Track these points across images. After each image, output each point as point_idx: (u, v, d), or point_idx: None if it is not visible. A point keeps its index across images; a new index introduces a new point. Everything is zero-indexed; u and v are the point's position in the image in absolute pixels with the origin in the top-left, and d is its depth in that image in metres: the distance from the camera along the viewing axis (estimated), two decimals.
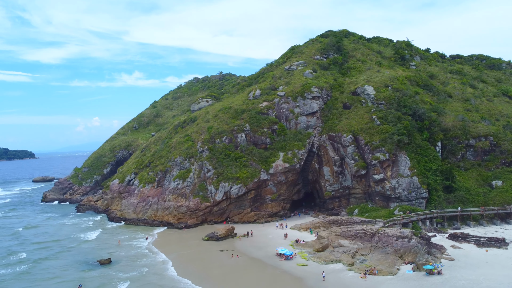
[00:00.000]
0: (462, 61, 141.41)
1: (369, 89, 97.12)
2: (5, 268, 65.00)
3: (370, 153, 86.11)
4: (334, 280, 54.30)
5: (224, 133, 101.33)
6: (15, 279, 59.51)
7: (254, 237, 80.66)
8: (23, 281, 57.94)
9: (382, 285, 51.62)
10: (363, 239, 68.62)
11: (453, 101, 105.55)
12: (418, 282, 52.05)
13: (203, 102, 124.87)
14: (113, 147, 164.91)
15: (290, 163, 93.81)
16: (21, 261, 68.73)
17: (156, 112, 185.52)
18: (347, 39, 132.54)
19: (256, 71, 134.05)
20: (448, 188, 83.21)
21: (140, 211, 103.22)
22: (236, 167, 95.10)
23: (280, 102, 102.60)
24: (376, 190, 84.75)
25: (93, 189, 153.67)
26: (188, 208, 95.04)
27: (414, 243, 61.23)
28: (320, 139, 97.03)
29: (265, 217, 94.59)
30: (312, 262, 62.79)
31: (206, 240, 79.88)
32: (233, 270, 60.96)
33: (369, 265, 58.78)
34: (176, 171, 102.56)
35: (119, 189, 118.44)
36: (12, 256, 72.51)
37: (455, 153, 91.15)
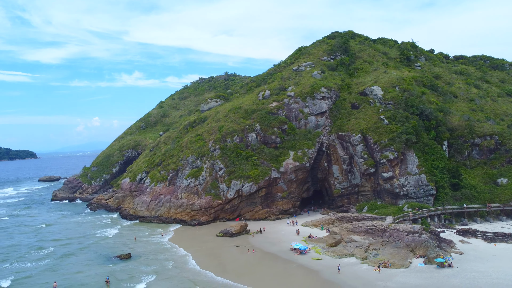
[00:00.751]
0: (466, 62, 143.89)
1: (377, 90, 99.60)
2: (37, 262, 67.74)
3: (379, 151, 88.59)
4: (349, 273, 56.75)
5: (235, 132, 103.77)
6: (46, 271, 62.02)
7: (267, 233, 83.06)
8: (53, 274, 60.21)
9: (396, 277, 54.05)
10: (374, 234, 71.07)
11: (458, 101, 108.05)
12: (430, 274, 54.52)
13: (213, 102, 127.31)
14: (122, 147, 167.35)
15: (300, 161, 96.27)
16: (49, 255, 71.41)
17: (163, 112, 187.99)
18: (353, 40, 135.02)
19: (263, 71, 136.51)
20: (454, 186, 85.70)
21: (153, 209, 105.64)
22: (248, 166, 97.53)
23: (289, 102, 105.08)
24: (385, 188, 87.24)
25: (102, 188, 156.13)
26: (200, 206, 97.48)
27: (424, 238, 63.70)
28: (329, 138, 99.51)
29: (275, 215, 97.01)
30: (326, 256, 65.20)
31: (220, 236, 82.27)
32: (250, 263, 63.44)
33: (382, 258, 61.22)
34: (188, 169, 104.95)
35: (131, 188, 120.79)
36: (41, 250, 75.39)
37: (461, 151, 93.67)
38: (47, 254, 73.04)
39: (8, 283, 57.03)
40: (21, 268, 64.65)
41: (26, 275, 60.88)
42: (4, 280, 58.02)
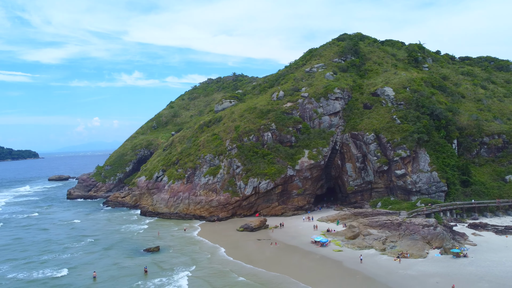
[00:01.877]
0: (472, 63, 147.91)
1: (388, 90, 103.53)
2: (73, 254, 72.05)
3: (392, 150, 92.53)
4: (371, 263, 60.63)
5: (251, 132, 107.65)
6: (86, 264, 65.91)
7: (285, 228, 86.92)
8: (91, 266, 64.00)
9: (416, 266, 57.95)
10: (390, 228, 75.01)
11: (466, 101, 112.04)
12: (447, 263, 58.42)
13: (227, 103, 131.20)
14: (134, 146, 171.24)
15: (315, 159, 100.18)
16: (83, 249, 75.41)
17: (173, 112, 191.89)
18: (362, 42, 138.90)
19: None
20: (464, 182, 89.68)
21: (172, 206, 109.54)
22: (264, 164, 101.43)
23: (303, 102, 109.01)
24: (398, 184, 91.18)
25: (116, 186, 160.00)
26: (219, 202, 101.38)
27: (440, 231, 67.60)
28: (343, 137, 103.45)
29: (291, 211, 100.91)
30: (346, 248, 69.09)
31: (241, 231, 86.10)
32: (275, 254, 67.38)
33: (400, 250, 65.08)
34: (206, 167, 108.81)
35: (148, 186, 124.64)
36: (78, 243, 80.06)
37: (470, 150, 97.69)
38: (82, 247, 76.86)
39: (65, 271, 61.52)
40: (63, 260, 68.54)
41: (73, 265, 65.00)
42: (60, 270, 62.41)
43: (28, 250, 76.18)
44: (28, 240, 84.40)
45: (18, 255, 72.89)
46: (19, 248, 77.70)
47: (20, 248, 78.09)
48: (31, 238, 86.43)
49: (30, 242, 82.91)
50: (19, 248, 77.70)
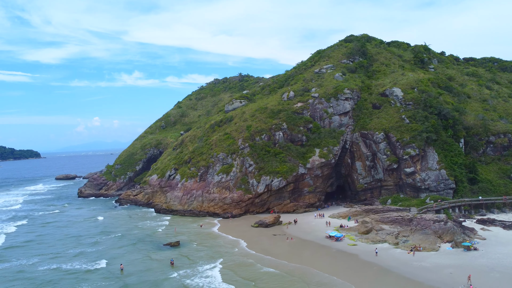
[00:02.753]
0: (476, 64, 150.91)
1: (397, 91, 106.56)
2: (96, 247, 75.45)
3: (401, 148, 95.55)
4: (386, 256, 63.63)
5: (263, 131, 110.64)
6: (114, 258, 68.88)
7: (299, 224, 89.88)
8: (120, 260, 66.78)
9: (429, 258, 60.94)
10: (402, 223, 77.93)
11: (472, 102, 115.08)
12: (459, 256, 61.45)
13: (237, 103, 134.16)
14: (144, 145, 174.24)
15: (326, 158, 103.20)
16: (107, 243, 78.88)
17: (181, 112, 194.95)
18: (369, 44, 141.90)
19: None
20: (471, 180, 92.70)
21: (185, 203, 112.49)
22: (276, 162, 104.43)
23: (314, 102, 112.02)
24: (407, 182, 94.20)
25: (126, 185, 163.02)
26: (232, 200, 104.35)
27: (450, 225, 70.60)
28: (353, 137, 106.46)
29: (303, 208, 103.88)
30: (360, 243, 72.07)
31: (255, 227, 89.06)
32: (293, 248, 70.39)
33: (413, 244, 68.03)
34: (219, 166, 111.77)
35: (160, 184, 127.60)
36: (107, 236, 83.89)
37: (476, 148, 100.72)
38: (112, 241, 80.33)
39: (104, 263, 65.23)
40: (96, 253, 71.68)
41: (104, 258, 68.09)
42: (99, 261, 66.00)
43: (66, 244, 79.38)
44: (60, 235, 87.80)
45: (53, 249, 75.82)
46: (53, 243, 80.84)
47: (54, 242, 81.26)
48: (61, 233, 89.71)
49: (62, 236, 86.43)
50: (53, 243, 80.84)
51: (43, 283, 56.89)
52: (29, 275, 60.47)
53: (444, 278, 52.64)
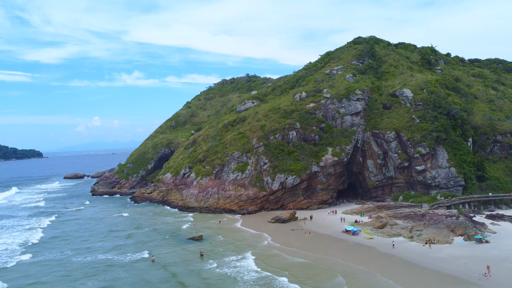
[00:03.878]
0: (481, 65, 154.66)
1: (407, 92, 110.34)
2: (126, 241, 79.19)
3: (412, 147, 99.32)
4: (402, 248, 67.31)
5: (277, 130, 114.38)
6: (155, 249, 72.65)
7: (314, 220, 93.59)
8: (156, 251, 70.66)
9: (444, 250, 64.65)
10: (414, 219, 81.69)
11: (478, 102, 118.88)
12: (472, 248, 65.18)
13: (249, 103, 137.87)
14: (155, 145, 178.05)
15: (338, 156, 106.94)
16: (135, 237, 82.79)
17: (191, 112, 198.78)
18: (377, 46, 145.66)
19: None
20: (480, 178, 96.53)
21: (201, 200, 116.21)
22: (290, 161, 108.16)
23: (326, 103, 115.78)
24: (418, 180, 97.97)
25: (139, 183, 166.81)
26: (248, 197, 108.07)
27: (462, 220, 74.30)
28: (364, 136, 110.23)
29: (316, 204, 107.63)
30: (376, 236, 75.78)
31: (273, 223, 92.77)
32: (312, 241, 74.11)
33: (427, 237, 71.78)
34: (234, 164, 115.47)
35: (175, 182, 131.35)
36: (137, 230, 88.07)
37: (484, 147, 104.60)
38: (144, 234, 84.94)
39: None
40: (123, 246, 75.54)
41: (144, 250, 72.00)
42: (141, 252, 70.09)
43: (104, 237, 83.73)
44: (93, 229, 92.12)
45: (93, 242, 79.81)
46: (89, 236, 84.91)
47: (90, 236, 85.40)
48: (94, 228, 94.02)
49: (96, 230, 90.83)
50: (89, 236, 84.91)
51: (102, 271, 60.67)
52: (84, 264, 64.40)
53: (460, 268, 56.33)
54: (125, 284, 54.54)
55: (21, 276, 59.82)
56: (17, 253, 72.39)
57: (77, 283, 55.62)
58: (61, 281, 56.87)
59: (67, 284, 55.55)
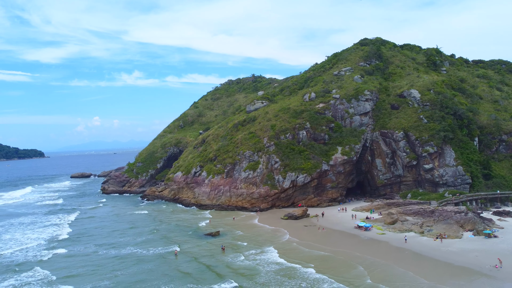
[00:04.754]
0: (485, 66, 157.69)
1: (414, 92, 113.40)
2: (146, 236, 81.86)
3: (420, 146, 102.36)
4: (414, 242, 70.33)
5: (287, 130, 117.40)
6: (183, 243, 75.71)
7: (326, 217, 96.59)
8: (183, 245, 73.95)
9: (454, 244, 67.69)
10: (424, 215, 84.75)
11: (484, 102, 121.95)
12: (481, 242, 68.22)
13: (259, 103, 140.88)
14: (164, 144, 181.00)
15: (348, 155, 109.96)
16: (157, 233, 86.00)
17: (198, 112, 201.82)
18: (383, 47, 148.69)
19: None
20: (486, 176, 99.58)
21: (213, 198, 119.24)
22: (301, 159, 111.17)
23: (335, 103, 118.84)
24: (426, 178, 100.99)
25: (148, 182, 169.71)
26: (260, 195, 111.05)
27: (471, 216, 77.36)
28: (373, 135, 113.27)
29: (326, 202, 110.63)
30: (388, 232, 78.79)
31: (285, 219, 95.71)
32: (327, 237, 77.11)
33: (438, 232, 74.80)
34: (245, 163, 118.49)
35: (186, 180, 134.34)
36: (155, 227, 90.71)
37: (490, 146, 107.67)
38: (163, 230, 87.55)
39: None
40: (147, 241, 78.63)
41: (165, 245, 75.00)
42: (170, 246, 73.38)
43: (130, 232, 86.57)
44: (118, 225, 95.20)
45: (122, 236, 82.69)
46: (117, 231, 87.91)
47: (117, 231, 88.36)
48: (119, 224, 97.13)
49: (121, 226, 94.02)
50: (117, 231, 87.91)
51: (135, 262, 63.94)
52: (118, 257, 67.48)
53: (471, 260, 59.35)
54: (162, 275, 57.35)
55: (60, 268, 63.20)
56: (49, 247, 75.62)
57: (118, 273, 59.22)
58: (100, 272, 60.18)
59: (108, 274, 58.97)
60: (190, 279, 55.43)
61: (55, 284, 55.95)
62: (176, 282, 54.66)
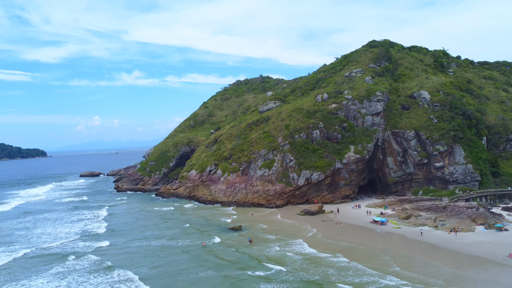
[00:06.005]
0: (490, 67, 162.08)
1: (424, 93, 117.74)
2: (180, 229, 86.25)
3: (431, 145, 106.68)
4: (429, 235, 74.61)
5: (302, 129, 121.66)
6: (223, 235, 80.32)
7: (341, 213, 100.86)
8: (214, 235, 79.10)
9: (468, 237, 71.99)
10: (436, 210, 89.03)
11: (491, 103, 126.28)
12: (493, 235, 72.55)
13: (271, 104, 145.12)
14: (176, 143, 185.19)
15: (360, 154, 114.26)
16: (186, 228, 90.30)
17: (209, 112, 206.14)
18: (392, 49, 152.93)
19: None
20: (494, 174, 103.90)
21: (230, 195, 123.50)
22: (315, 158, 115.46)
23: (348, 104, 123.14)
24: (437, 175, 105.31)
25: (161, 180, 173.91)
26: (275, 192, 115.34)
27: (482, 211, 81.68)
28: (384, 135, 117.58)
29: (339, 199, 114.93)
30: (403, 226, 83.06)
31: (302, 215, 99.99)
32: (345, 231, 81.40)
33: (451, 226, 79.10)
34: (260, 161, 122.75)
35: (201, 178, 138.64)
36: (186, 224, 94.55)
37: (497, 145, 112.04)
38: (196, 225, 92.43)
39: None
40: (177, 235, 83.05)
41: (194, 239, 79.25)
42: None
43: (166, 226, 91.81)
44: (153, 220, 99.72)
45: (162, 230, 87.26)
46: (154, 226, 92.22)
47: (155, 225, 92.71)
48: (153, 219, 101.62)
49: (156, 220, 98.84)
50: (154, 226, 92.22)
51: (181, 253, 68.61)
52: (160, 248, 72.32)
53: (485, 251, 63.65)
54: (204, 261, 62.84)
55: (111, 255, 68.74)
56: (93, 239, 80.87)
57: (167, 259, 64.54)
58: (148, 260, 65.06)
59: (157, 261, 64.11)
60: (238, 265, 60.16)
61: (112, 268, 61.31)
62: (222, 267, 59.45)
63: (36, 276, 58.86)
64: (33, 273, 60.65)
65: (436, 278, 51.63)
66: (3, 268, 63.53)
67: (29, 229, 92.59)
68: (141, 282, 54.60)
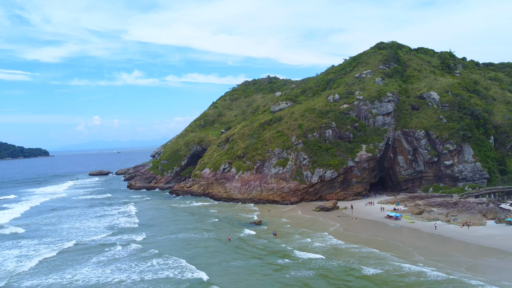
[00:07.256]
0: (495, 68, 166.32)
1: (434, 94, 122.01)
2: (203, 222, 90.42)
3: (441, 144, 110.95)
4: (443, 229, 78.83)
5: (314, 129, 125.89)
6: (248, 229, 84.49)
7: (355, 209, 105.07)
8: (232, 231, 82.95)
9: (480, 231, 76.21)
10: (447, 206, 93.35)
11: (497, 104, 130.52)
12: (503, 228, 76.75)
13: (283, 104, 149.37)
14: (187, 143, 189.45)
15: (372, 152, 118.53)
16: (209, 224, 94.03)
17: (218, 112, 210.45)
18: (400, 51, 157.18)
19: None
20: (502, 171, 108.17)
21: (245, 192, 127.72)
22: (328, 156, 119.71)
23: (359, 104, 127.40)
24: (446, 173, 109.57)
25: (174, 179, 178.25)
26: (290, 189, 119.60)
27: (492, 206, 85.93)
28: (395, 134, 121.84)
29: (351, 196, 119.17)
30: (417, 221, 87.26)
31: (317, 211, 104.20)
32: (362, 225, 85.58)
33: (463, 220, 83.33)
34: (274, 160, 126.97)
35: (215, 176, 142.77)
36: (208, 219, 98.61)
37: (504, 144, 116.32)
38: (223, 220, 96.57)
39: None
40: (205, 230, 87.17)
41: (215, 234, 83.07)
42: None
43: (195, 222, 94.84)
44: (180, 216, 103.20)
45: (187, 225, 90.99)
46: (185, 221, 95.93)
47: (185, 221, 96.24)
48: (179, 215, 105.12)
49: (184, 216, 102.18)
50: (185, 221, 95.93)
51: (216, 246, 72.21)
52: (197, 241, 76.24)
53: (498, 242, 67.87)
54: (240, 249, 67.91)
55: (152, 244, 73.62)
56: (130, 232, 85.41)
57: (206, 249, 69.33)
58: (187, 251, 69.07)
59: (194, 249, 68.96)
60: (278, 254, 64.19)
61: (158, 255, 66.12)
62: (263, 256, 63.80)
63: (95, 261, 64.91)
64: (89, 258, 66.35)
65: (458, 266, 55.96)
66: (64, 254, 69.41)
67: (66, 224, 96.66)
68: (193, 266, 59.83)
